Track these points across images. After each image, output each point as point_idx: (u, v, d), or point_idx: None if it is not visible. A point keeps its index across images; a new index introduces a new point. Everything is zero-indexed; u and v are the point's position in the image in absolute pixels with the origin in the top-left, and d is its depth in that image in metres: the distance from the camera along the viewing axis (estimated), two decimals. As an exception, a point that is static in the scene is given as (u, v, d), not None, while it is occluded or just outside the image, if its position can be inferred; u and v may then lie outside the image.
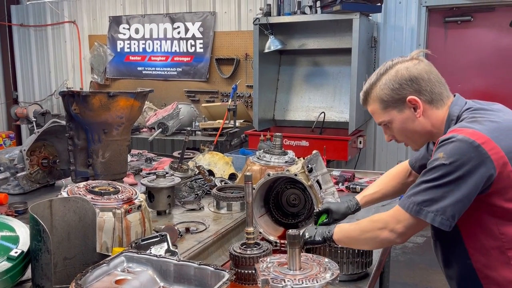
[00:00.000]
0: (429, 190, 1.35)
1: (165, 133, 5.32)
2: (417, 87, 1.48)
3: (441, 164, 1.33)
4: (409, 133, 1.55)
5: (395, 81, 1.50)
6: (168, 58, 6.54)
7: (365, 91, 1.59)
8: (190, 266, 1.30)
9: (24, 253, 1.43)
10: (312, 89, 5.48)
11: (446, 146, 1.35)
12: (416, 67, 1.50)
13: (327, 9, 4.69)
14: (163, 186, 2.22)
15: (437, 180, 1.34)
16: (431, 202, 1.34)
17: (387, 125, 1.58)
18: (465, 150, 1.32)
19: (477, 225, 1.43)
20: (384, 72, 1.53)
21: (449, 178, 1.32)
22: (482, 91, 5.08)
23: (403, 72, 1.50)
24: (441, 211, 1.33)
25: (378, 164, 5.50)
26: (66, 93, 2.37)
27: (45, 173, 2.77)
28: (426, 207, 1.35)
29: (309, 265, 1.33)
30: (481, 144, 1.32)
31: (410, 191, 1.41)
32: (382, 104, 1.54)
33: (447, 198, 1.33)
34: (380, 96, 1.53)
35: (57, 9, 7.31)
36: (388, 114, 1.54)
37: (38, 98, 7.70)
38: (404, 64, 1.52)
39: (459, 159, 1.31)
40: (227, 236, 2.03)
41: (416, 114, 1.50)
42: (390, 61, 1.56)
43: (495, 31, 4.98)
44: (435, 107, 1.50)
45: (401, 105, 1.51)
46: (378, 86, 1.54)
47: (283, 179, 2.01)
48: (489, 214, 1.40)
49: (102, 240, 1.63)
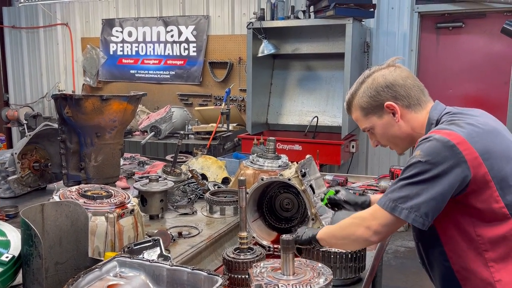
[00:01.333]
0: (405, 187, 1.38)
1: (157, 136, 5.30)
2: (393, 93, 1.54)
3: (417, 161, 1.37)
4: (390, 137, 1.60)
5: (372, 89, 1.56)
6: (161, 62, 6.53)
7: (347, 101, 1.66)
8: (183, 271, 1.30)
9: (15, 258, 1.41)
10: (305, 93, 5.50)
11: (423, 145, 1.39)
12: (392, 74, 1.56)
13: (320, 14, 4.72)
14: (156, 190, 2.21)
15: (412, 178, 1.37)
16: (406, 199, 1.37)
17: (371, 131, 1.64)
18: (440, 149, 1.35)
19: (454, 227, 1.45)
20: (362, 81, 1.60)
21: (424, 176, 1.35)
22: (473, 96, 5.13)
23: (380, 79, 1.56)
24: (415, 208, 1.35)
25: (370, 168, 5.52)
26: (59, 96, 2.35)
27: (37, 177, 2.75)
28: (401, 203, 1.37)
29: (303, 270, 1.33)
30: (456, 144, 1.35)
31: (388, 189, 1.44)
32: (363, 111, 1.60)
33: (421, 195, 1.35)
34: (360, 104, 1.60)
35: (50, 11, 7.27)
36: (369, 121, 1.61)
37: (30, 100, 7.64)
38: (380, 72, 1.58)
39: (435, 157, 1.35)
40: (220, 241, 2.02)
41: (395, 119, 1.56)
42: (368, 70, 1.62)
43: (486, 37, 5.04)
44: (414, 111, 1.55)
45: (380, 111, 1.57)
46: (358, 95, 1.60)
47: (276, 184, 2.01)
48: (465, 215, 1.42)
49: (95, 245, 1.62)
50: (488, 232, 1.40)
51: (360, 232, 1.45)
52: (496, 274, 1.40)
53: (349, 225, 1.51)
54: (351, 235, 1.48)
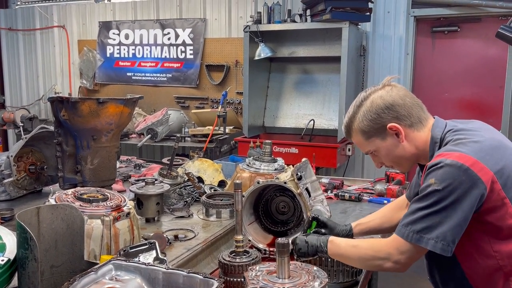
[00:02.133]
0: (427, 217, 1.36)
1: (154, 139, 5.30)
2: (394, 114, 1.51)
3: (434, 190, 1.35)
4: (395, 158, 1.58)
5: (371, 112, 1.53)
6: (158, 64, 6.53)
7: (346, 125, 1.62)
8: (179, 274, 1.30)
9: (10, 261, 1.41)
10: (301, 96, 5.51)
11: (436, 171, 1.37)
12: (390, 94, 1.53)
13: (317, 17, 4.74)
14: (152, 193, 2.21)
15: (432, 207, 1.35)
16: (431, 229, 1.35)
17: (374, 154, 1.61)
18: (455, 174, 1.34)
19: (471, 245, 1.44)
20: (360, 104, 1.57)
21: (444, 204, 1.34)
22: (468, 100, 5.16)
23: (378, 101, 1.53)
24: (441, 237, 1.34)
25: (366, 172, 5.53)
26: (55, 99, 2.35)
27: (32, 180, 2.75)
28: (426, 234, 1.36)
29: (298, 274, 1.33)
30: (470, 166, 1.34)
31: (406, 219, 1.41)
32: (365, 135, 1.57)
33: (445, 223, 1.34)
34: (361, 128, 1.57)
35: (46, 14, 7.26)
36: (372, 144, 1.58)
37: (26, 102, 7.62)
38: (377, 93, 1.55)
39: (451, 183, 1.34)
40: (216, 244, 2.03)
41: (399, 140, 1.53)
42: (364, 92, 1.59)
43: (481, 41, 5.07)
44: (416, 130, 1.53)
45: (383, 133, 1.54)
46: (357, 119, 1.57)
47: (272, 187, 2.02)
48: (482, 232, 1.42)
49: (90, 248, 1.62)
50: (505, 247, 1.40)
51: (388, 266, 1.44)
52: None
53: (372, 259, 1.48)
54: (378, 267, 1.48)
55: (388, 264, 1.44)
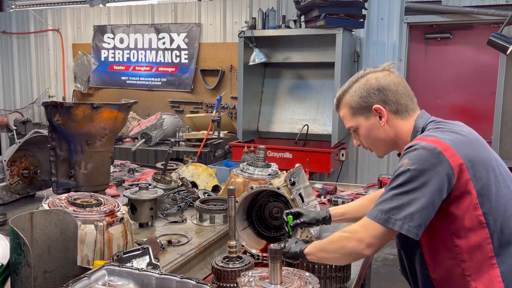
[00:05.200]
0: (396, 197, 1.39)
1: (148, 143, 5.30)
2: (383, 97, 1.56)
3: (406, 170, 1.39)
4: (373, 140, 1.63)
5: (364, 89, 1.58)
6: (152, 68, 6.54)
7: (337, 97, 1.68)
8: (172, 280, 1.30)
9: (3, 266, 1.41)
10: (296, 101, 5.54)
11: (410, 153, 1.41)
12: (386, 78, 1.58)
13: (311, 23, 4.78)
14: (145, 199, 2.21)
15: (402, 187, 1.39)
16: (398, 210, 1.37)
17: (356, 131, 1.66)
18: (427, 156, 1.38)
19: (434, 237, 1.48)
20: (355, 80, 1.62)
21: (413, 185, 1.37)
22: (461, 106, 5.22)
23: (373, 81, 1.58)
24: (408, 218, 1.36)
25: (360, 177, 5.56)
26: (49, 103, 2.35)
27: (26, 184, 2.74)
28: (394, 215, 1.38)
29: (290, 279, 1.35)
30: (442, 151, 1.38)
31: (378, 200, 1.45)
32: (351, 110, 1.63)
33: (413, 205, 1.36)
34: (349, 103, 1.62)
35: (41, 17, 7.25)
36: (355, 120, 1.63)
37: (19, 106, 7.59)
38: (375, 74, 1.60)
39: (423, 164, 1.37)
40: (210, 249, 2.03)
41: (381, 123, 1.58)
42: (362, 71, 1.64)
43: (473, 48, 5.13)
44: (400, 118, 1.58)
45: (367, 113, 1.59)
46: (348, 93, 1.63)
47: (266, 192, 2.03)
48: (444, 225, 1.45)
49: (83, 253, 1.62)
50: (464, 242, 1.43)
51: (352, 245, 1.45)
52: (472, 283, 1.43)
53: (339, 239, 1.50)
54: (342, 249, 1.48)
55: (352, 243, 1.44)
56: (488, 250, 1.42)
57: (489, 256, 1.42)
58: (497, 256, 1.42)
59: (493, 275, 1.42)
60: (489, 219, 1.41)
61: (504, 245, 1.43)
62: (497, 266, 1.42)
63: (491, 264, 1.42)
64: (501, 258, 1.42)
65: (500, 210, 1.43)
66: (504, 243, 1.43)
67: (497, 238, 1.42)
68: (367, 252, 1.44)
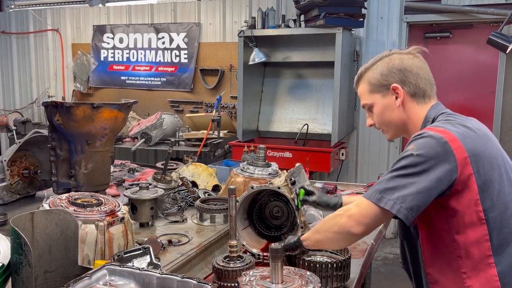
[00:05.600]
0: (394, 179, 1.40)
1: (148, 143, 5.30)
2: (403, 78, 1.57)
3: (410, 154, 1.40)
4: (386, 120, 1.63)
5: (386, 68, 1.60)
6: (152, 68, 6.53)
7: (359, 73, 1.69)
8: (173, 279, 1.30)
9: (4, 266, 1.41)
10: (295, 101, 5.54)
11: (417, 140, 1.43)
12: (410, 60, 1.59)
13: (311, 23, 4.78)
14: (146, 198, 2.21)
15: (402, 169, 1.40)
16: (393, 190, 1.38)
17: (370, 109, 1.67)
18: (433, 144, 1.39)
19: (433, 230, 1.48)
20: (380, 59, 1.64)
21: (414, 169, 1.38)
22: (461, 105, 5.21)
23: (396, 61, 1.59)
24: (401, 199, 1.37)
25: (360, 176, 5.56)
26: (49, 103, 2.35)
27: (26, 184, 2.74)
28: (388, 195, 1.39)
29: (291, 279, 1.35)
30: (449, 141, 1.39)
31: (377, 182, 1.46)
32: (370, 86, 1.63)
33: (409, 188, 1.37)
34: (369, 79, 1.63)
35: (40, 17, 7.24)
36: (372, 97, 1.64)
37: (19, 106, 7.59)
38: (400, 55, 1.62)
39: (427, 152, 1.38)
40: (210, 249, 2.03)
41: (396, 103, 1.58)
42: (388, 51, 1.66)
43: (472, 47, 5.13)
44: (416, 102, 1.59)
45: (385, 91, 1.60)
46: (371, 70, 1.64)
47: (266, 192, 2.03)
48: (443, 219, 1.45)
49: (84, 253, 1.62)
50: (462, 238, 1.43)
51: (343, 221, 1.45)
52: (467, 281, 1.43)
53: (332, 217, 1.52)
54: (334, 226, 1.48)
55: (343, 219, 1.45)
56: (486, 248, 1.41)
57: (486, 254, 1.42)
58: (495, 255, 1.42)
59: (489, 275, 1.41)
60: (489, 216, 1.41)
61: (503, 244, 1.43)
62: (495, 265, 1.41)
63: (488, 263, 1.42)
64: (498, 258, 1.42)
65: (501, 208, 1.42)
66: (502, 242, 1.43)
67: (496, 236, 1.42)
68: (356, 229, 1.43)
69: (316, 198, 1.87)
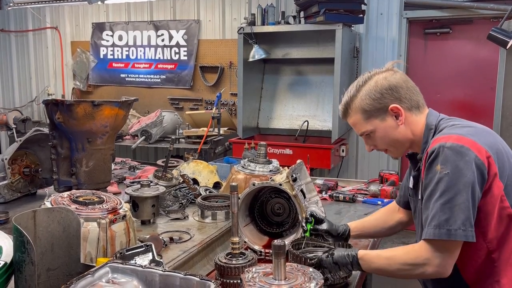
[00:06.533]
0: (444, 206, 1.36)
1: (148, 140, 5.29)
2: (397, 95, 1.55)
3: (443, 175, 1.37)
4: (391, 141, 1.60)
5: (375, 91, 1.55)
6: (151, 66, 6.52)
7: (344, 104, 1.62)
8: (175, 277, 1.30)
9: (7, 264, 1.41)
10: (295, 97, 5.53)
11: (437, 158, 1.39)
12: (394, 76, 1.57)
13: (310, 19, 4.76)
14: (147, 196, 2.21)
15: (446, 193, 1.36)
16: (453, 219, 1.35)
17: (369, 135, 1.62)
18: (456, 155, 1.37)
19: None
20: (363, 84, 1.58)
21: (456, 188, 1.35)
22: (460, 101, 5.21)
23: (382, 82, 1.55)
24: (467, 224, 1.34)
25: (360, 172, 5.56)
26: (50, 101, 2.35)
27: (27, 182, 2.74)
28: (452, 226, 1.35)
29: (294, 275, 1.35)
30: (470, 147, 1.38)
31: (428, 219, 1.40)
32: (364, 114, 1.58)
33: (462, 208, 1.34)
34: (361, 107, 1.57)
35: (39, 15, 7.22)
36: (370, 124, 1.58)
37: (18, 104, 7.57)
38: (381, 74, 1.58)
39: (456, 166, 1.36)
40: (212, 246, 2.03)
41: (398, 122, 1.56)
42: (367, 73, 1.61)
43: (472, 43, 5.12)
44: (414, 114, 1.57)
45: (383, 114, 1.56)
46: (358, 97, 1.58)
47: (268, 189, 2.03)
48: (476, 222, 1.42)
49: (87, 251, 1.63)
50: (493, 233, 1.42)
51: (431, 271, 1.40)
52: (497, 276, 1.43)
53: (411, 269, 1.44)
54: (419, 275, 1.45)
55: (430, 269, 1.40)
56: None
57: None
58: None
59: None
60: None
61: None
62: None
63: None
64: None
65: None
66: None
67: None
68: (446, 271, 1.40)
69: (327, 227, 1.81)
